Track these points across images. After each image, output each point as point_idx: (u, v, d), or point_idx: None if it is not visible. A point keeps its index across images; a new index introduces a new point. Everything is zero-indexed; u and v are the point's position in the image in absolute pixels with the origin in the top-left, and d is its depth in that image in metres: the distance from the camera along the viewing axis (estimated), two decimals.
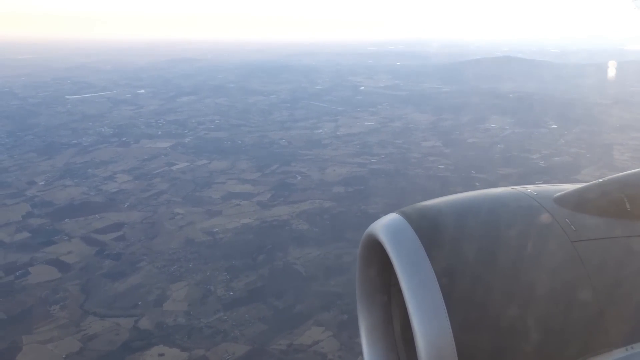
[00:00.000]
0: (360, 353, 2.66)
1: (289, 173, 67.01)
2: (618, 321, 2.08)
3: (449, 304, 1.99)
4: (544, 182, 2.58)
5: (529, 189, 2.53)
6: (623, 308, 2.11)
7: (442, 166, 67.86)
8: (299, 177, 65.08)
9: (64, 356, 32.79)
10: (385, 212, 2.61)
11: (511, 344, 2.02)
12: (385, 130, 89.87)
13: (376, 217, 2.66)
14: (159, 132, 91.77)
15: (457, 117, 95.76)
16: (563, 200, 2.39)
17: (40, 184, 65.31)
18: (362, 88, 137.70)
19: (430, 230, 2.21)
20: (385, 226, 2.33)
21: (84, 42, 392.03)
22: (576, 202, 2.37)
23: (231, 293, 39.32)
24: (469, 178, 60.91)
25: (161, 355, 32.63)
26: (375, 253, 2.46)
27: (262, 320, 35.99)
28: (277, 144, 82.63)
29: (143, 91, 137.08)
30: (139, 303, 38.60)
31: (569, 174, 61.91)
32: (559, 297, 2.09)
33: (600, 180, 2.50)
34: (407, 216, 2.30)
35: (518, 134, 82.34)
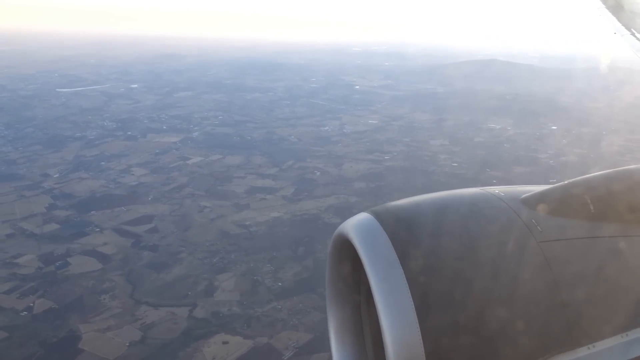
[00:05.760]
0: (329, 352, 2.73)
1: (307, 169, 67.68)
2: (581, 321, 2.16)
3: (418, 304, 2.03)
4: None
5: (497, 189, 2.58)
6: (586, 308, 2.18)
7: (455, 164, 69.53)
8: (318, 173, 65.83)
9: (127, 344, 32.96)
10: None
11: (478, 343, 2.07)
12: (391, 128, 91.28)
13: None
14: (164, 127, 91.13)
15: (458, 117, 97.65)
16: (530, 202, 2.45)
17: (55, 176, 64.47)
18: (357, 87, 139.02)
19: (400, 231, 2.25)
20: (356, 226, 2.34)
21: (60, 35, 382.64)
22: (542, 204, 2.43)
23: (280, 284, 39.93)
24: (485, 176, 62.56)
25: (225, 343, 33.07)
26: (346, 252, 2.47)
27: (317, 309, 36.66)
28: (287, 140, 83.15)
29: (136, 86, 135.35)
30: (189, 293, 38.92)
31: (579, 174, 63.60)
32: (525, 297, 2.15)
33: (566, 182, 2.57)
34: (378, 216, 2.32)
35: (521, 135, 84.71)
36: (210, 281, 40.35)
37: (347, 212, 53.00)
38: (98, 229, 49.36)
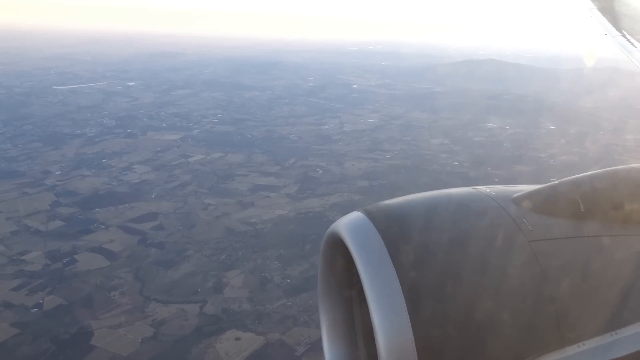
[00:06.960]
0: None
1: (309, 167, 67.90)
2: (571, 319, 2.17)
3: (410, 302, 2.04)
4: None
5: (488, 189, 2.58)
6: (576, 306, 2.20)
7: (456, 163, 70.00)
8: (320, 171, 66.06)
9: (139, 340, 33.05)
10: None
11: (469, 341, 2.09)
12: (390, 127, 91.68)
13: None
14: (164, 125, 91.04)
15: (456, 117, 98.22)
16: (521, 201, 2.47)
17: (57, 173, 64.31)
18: (355, 86, 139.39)
19: (392, 229, 2.25)
20: (349, 225, 2.34)
21: (55, 32, 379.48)
22: (533, 203, 2.45)
23: (288, 281, 40.13)
24: (487, 174, 63.10)
25: (238, 339, 33.22)
26: (338, 251, 2.46)
27: None
28: (288, 138, 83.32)
29: (133, 83, 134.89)
30: (198, 290, 39.03)
31: (578, 172, 64.21)
32: (515, 296, 2.17)
33: (557, 181, 2.58)
34: (370, 215, 2.33)
35: (520, 134, 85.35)
36: (218, 278, 40.49)
37: (351, 210, 52.37)
38: (103, 226, 49.34)
